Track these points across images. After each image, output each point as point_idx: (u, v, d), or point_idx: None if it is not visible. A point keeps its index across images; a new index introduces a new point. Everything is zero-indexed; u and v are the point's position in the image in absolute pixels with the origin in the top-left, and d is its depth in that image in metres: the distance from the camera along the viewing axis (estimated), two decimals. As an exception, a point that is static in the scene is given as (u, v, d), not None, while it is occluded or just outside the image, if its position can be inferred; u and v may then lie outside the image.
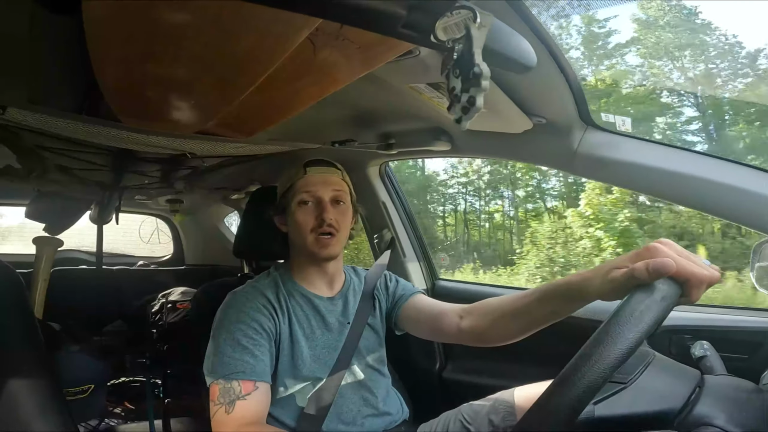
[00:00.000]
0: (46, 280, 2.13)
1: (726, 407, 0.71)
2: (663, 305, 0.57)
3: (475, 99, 0.48)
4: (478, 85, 0.47)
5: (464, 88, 0.49)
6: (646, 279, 0.60)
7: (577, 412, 0.51)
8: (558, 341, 0.89)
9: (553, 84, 0.91)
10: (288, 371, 1.02)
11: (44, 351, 1.05)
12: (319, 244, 1.06)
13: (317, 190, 1.07)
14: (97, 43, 0.65)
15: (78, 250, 3.18)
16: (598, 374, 0.51)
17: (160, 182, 2.00)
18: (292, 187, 1.08)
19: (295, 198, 1.07)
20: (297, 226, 1.06)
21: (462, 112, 0.50)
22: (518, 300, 0.91)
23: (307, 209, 1.06)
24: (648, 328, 0.54)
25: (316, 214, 1.05)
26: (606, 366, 0.51)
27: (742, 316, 1.17)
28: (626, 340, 0.52)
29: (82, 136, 1.02)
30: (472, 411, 1.09)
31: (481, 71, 0.47)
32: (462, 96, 0.50)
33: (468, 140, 1.28)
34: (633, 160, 1.03)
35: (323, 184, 1.07)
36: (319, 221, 1.05)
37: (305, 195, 1.06)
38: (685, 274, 0.59)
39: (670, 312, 0.58)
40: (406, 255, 1.76)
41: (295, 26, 0.63)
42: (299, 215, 1.06)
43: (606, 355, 0.52)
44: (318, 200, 1.06)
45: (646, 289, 0.59)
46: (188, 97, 0.90)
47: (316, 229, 1.05)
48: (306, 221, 1.05)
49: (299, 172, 1.08)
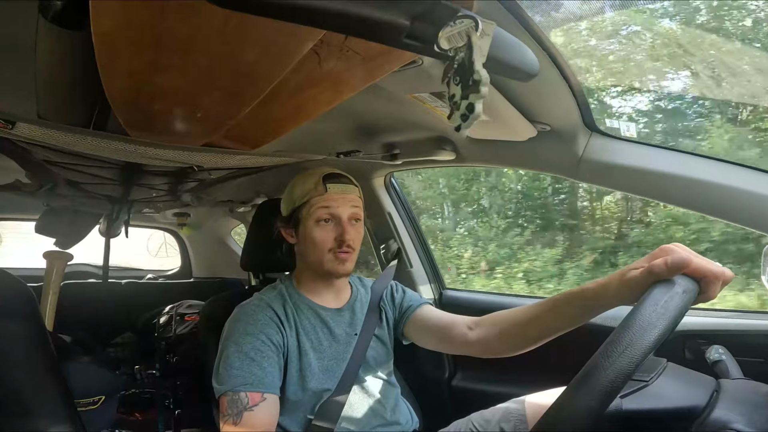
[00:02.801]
0: (56, 293, 2.16)
1: (745, 410, 0.71)
2: (686, 297, 0.58)
3: (474, 106, 0.48)
4: (477, 91, 0.47)
5: (464, 95, 0.49)
6: (665, 274, 0.61)
7: (606, 402, 0.50)
8: (569, 349, 0.88)
9: (556, 91, 0.92)
10: (296, 383, 1.02)
11: (56, 362, 1.06)
12: (337, 262, 1.04)
13: (337, 207, 1.04)
14: (105, 56, 0.66)
15: (88, 264, 3.21)
16: (628, 361, 0.51)
17: (168, 195, 2.01)
18: (308, 203, 1.05)
19: (312, 215, 1.04)
20: (314, 244, 1.04)
21: (461, 120, 0.50)
22: (531, 310, 0.90)
23: (326, 227, 1.04)
24: (674, 317, 0.54)
25: (336, 234, 1.04)
26: (636, 353, 0.51)
27: (757, 320, 1.16)
28: (655, 328, 0.52)
29: (91, 150, 1.03)
30: (483, 420, 1.08)
31: (481, 78, 0.47)
32: (461, 103, 0.50)
33: (473, 149, 1.29)
34: (639, 165, 1.02)
35: (342, 201, 1.05)
36: (339, 242, 1.03)
37: (324, 213, 1.03)
38: (702, 270, 0.61)
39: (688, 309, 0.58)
40: (413, 265, 1.76)
41: (300, 38, 0.64)
42: (318, 233, 1.04)
43: (636, 341, 0.51)
44: (338, 219, 1.04)
45: (666, 283, 0.60)
46: (195, 109, 0.91)
47: (335, 249, 1.04)
48: (325, 240, 1.04)
49: (318, 188, 1.04)
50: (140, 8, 0.58)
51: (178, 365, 2.29)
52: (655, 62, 3.57)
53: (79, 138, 0.93)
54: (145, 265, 3.70)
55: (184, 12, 0.59)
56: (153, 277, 3.40)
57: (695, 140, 3.55)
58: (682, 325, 0.61)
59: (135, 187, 1.76)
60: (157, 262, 3.69)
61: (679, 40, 3.42)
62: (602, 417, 0.50)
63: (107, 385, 1.81)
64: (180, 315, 2.42)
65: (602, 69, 3.88)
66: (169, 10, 0.58)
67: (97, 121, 0.98)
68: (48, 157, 1.21)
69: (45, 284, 2.14)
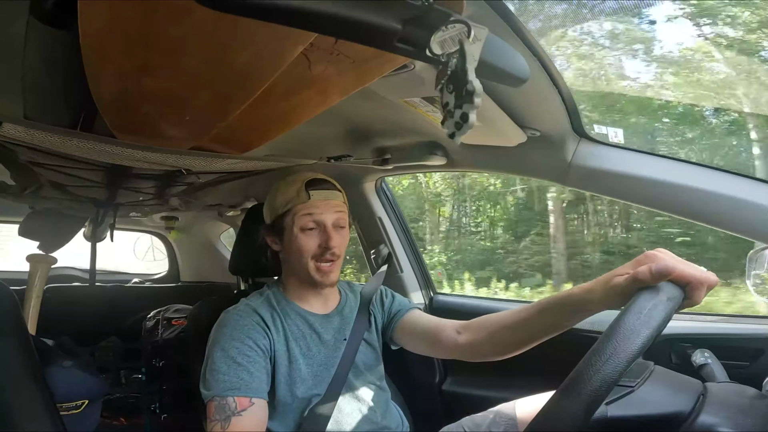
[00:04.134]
0: (39, 297, 2.11)
1: (731, 414, 0.72)
2: (670, 305, 0.58)
3: (468, 115, 0.48)
4: (471, 101, 0.47)
5: (457, 104, 0.49)
6: (649, 281, 0.61)
7: (591, 410, 0.50)
8: (558, 353, 0.89)
9: (546, 96, 0.92)
10: (286, 388, 1.01)
11: (38, 366, 1.04)
12: (321, 272, 1.04)
13: (320, 214, 1.03)
14: (93, 57, 0.65)
15: (73, 268, 3.16)
16: (612, 369, 0.51)
17: (155, 199, 1.99)
18: (292, 210, 1.04)
19: (296, 223, 1.03)
20: (298, 252, 1.04)
21: (455, 128, 0.50)
22: (518, 314, 0.91)
23: (310, 235, 1.03)
24: (658, 325, 0.54)
25: (320, 241, 1.03)
26: (620, 361, 0.51)
27: (742, 324, 1.17)
28: (639, 336, 0.53)
29: (77, 151, 1.01)
30: (473, 424, 1.08)
31: (474, 89, 0.47)
32: (455, 112, 0.50)
33: (464, 154, 1.29)
34: (627, 172, 1.04)
35: (326, 207, 1.04)
36: (323, 249, 1.03)
37: (308, 220, 1.03)
38: (686, 276, 0.61)
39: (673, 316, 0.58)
40: (403, 270, 1.76)
41: (291, 41, 0.63)
42: (302, 241, 1.03)
43: (620, 349, 0.52)
44: (322, 226, 1.03)
45: (651, 290, 0.60)
46: (184, 112, 0.90)
47: (318, 257, 1.03)
48: (308, 247, 1.03)
49: (301, 195, 1.03)
50: (129, 9, 0.57)
51: (165, 370, 2.26)
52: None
53: (65, 139, 0.92)
54: (132, 269, 3.65)
55: (174, 13, 0.58)
56: (139, 281, 3.35)
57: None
58: (668, 329, 0.62)
59: (122, 191, 1.73)
60: (144, 265, 3.63)
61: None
62: (588, 424, 0.50)
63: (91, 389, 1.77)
64: (167, 319, 2.39)
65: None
66: (158, 11, 0.58)
67: (84, 122, 0.97)
68: (33, 159, 1.19)
69: (28, 288, 2.09)
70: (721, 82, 4.14)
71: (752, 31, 3.79)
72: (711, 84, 4.33)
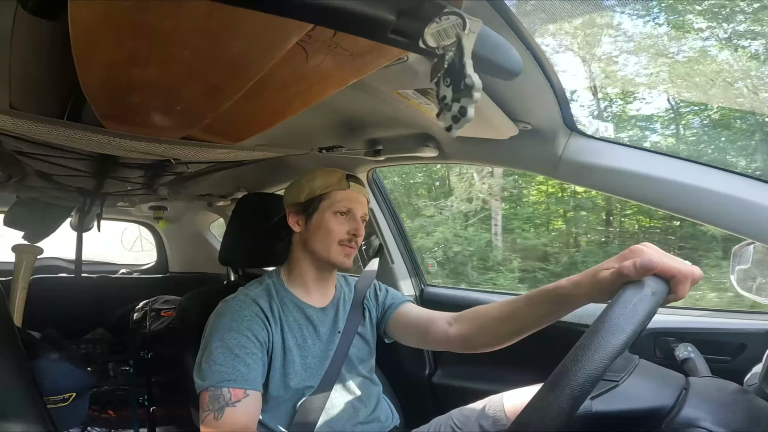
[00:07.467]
0: (24, 288, 2.09)
1: (712, 409, 0.73)
2: (654, 299, 0.59)
3: (467, 110, 0.48)
4: (470, 96, 0.47)
5: (455, 97, 0.49)
6: (633, 276, 0.62)
7: (576, 405, 0.51)
8: (547, 346, 0.90)
9: (538, 90, 0.92)
10: (279, 380, 1.01)
11: (24, 359, 1.03)
12: (344, 254, 1.09)
13: (354, 205, 1.11)
14: (82, 46, 0.63)
15: (59, 258, 3.11)
16: (596, 364, 0.51)
17: (144, 189, 1.96)
18: (329, 194, 1.10)
19: (331, 206, 1.09)
20: (327, 232, 1.08)
21: (452, 121, 0.50)
22: (506, 305, 0.91)
23: (341, 220, 1.09)
24: (642, 320, 0.55)
25: (349, 228, 1.09)
26: (604, 356, 0.51)
27: (725, 319, 1.19)
28: (623, 332, 0.53)
29: (64, 141, 0.99)
30: (463, 416, 1.09)
31: (473, 83, 0.47)
32: (453, 105, 0.49)
33: (456, 146, 1.29)
34: (617, 166, 1.04)
35: (359, 202, 1.13)
36: (350, 236, 1.09)
37: (343, 206, 1.10)
38: (670, 270, 0.61)
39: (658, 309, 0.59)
40: (394, 261, 1.76)
41: (285, 32, 0.62)
42: (333, 223, 1.08)
43: (604, 345, 0.52)
44: (352, 215, 1.10)
45: (636, 285, 0.61)
46: (174, 102, 0.89)
47: (344, 242, 1.08)
48: (339, 231, 1.08)
49: (342, 183, 1.11)
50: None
51: (153, 362, 2.25)
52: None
53: (51, 129, 0.90)
54: (119, 259, 3.61)
55: (166, 2, 0.57)
56: (127, 272, 3.31)
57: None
58: (653, 324, 0.62)
59: (109, 180, 1.71)
60: (132, 256, 3.59)
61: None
62: (573, 419, 0.51)
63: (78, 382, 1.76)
64: (155, 311, 2.36)
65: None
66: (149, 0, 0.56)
67: (71, 112, 0.95)
68: (19, 148, 1.17)
69: (14, 279, 2.06)
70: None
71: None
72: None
